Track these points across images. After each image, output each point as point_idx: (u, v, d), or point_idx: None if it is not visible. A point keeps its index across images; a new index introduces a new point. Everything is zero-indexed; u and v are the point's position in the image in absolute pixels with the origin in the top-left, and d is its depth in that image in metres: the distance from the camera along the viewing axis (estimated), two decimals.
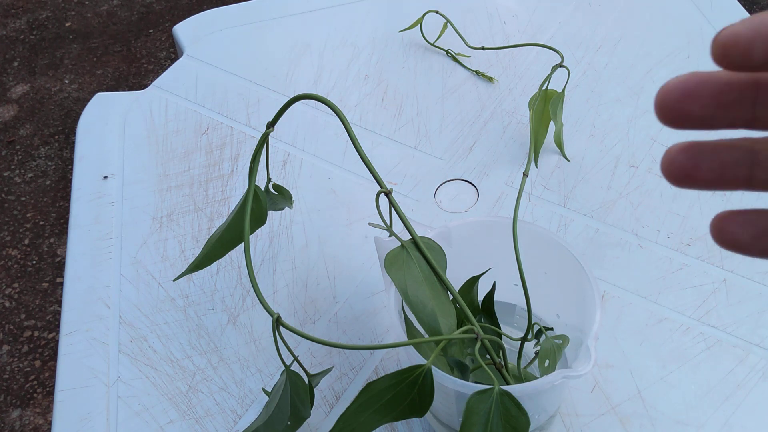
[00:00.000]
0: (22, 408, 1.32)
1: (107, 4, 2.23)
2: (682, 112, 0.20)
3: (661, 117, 0.20)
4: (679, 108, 0.20)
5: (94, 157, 0.66)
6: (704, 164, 0.21)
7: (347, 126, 0.41)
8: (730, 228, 0.22)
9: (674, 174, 0.21)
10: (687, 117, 0.20)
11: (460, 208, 0.60)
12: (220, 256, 0.46)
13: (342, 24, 0.78)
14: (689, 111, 0.20)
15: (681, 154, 0.21)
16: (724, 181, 0.21)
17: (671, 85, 0.20)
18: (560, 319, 0.46)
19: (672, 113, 0.20)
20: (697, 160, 0.21)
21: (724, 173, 0.21)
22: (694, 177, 0.21)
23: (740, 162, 0.21)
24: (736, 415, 0.46)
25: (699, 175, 0.21)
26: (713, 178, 0.21)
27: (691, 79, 0.20)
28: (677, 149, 0.21)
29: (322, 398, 0.48)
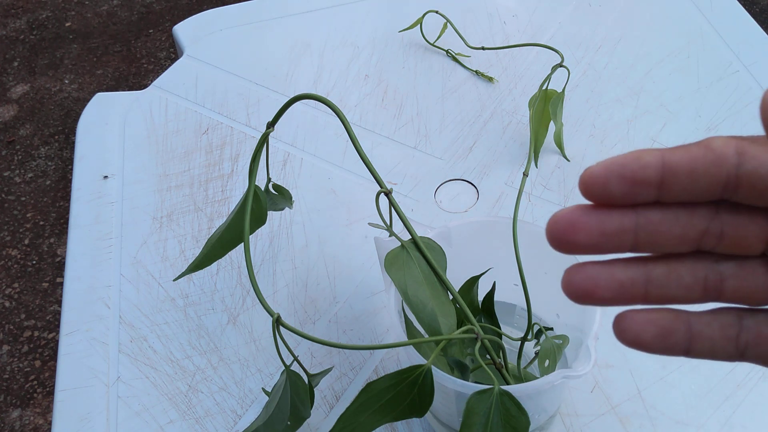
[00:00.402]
0: (22, 408, 1.32)
1: (107, 4, 2.23)
2: (568, 242, 0.22)
3: (552, 245, 0.22)
4: (565, 238, 0.22)
5: (94, 157, 0.66)
6: (602, 284, 0.23)
7: (347, 126, 0.41)
8: (633, 328, 0.23)
9: (574, 293, 0.23)
10: (573, 245, 0.22)
11: (460, 208, 0.60)
12: (220, 256, 0.46)
13: (342, 24, 0.78)
14: (575, 241, 0.22)
15: (579, 272, 0.23)
16: (622, 299, 0.23)
17: (558, 217, 0.22)
18: (560, 319, 0.46)
19: (559, 242, 0.22)
20: (596, 280, 0.23)
21: (621, 293, 0.23)
22: (594, 296, 0.23)
23: (635, 283, 0.23)
24: (736, 415, 0.46)
25: (598, 294, 0.23)
26: (611, 297, 0.23)
27: (574, 212, 0.22)
28: (576, 268, 0.23)
29: (322, 398, 0.48)
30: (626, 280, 0.23)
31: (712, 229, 0.22)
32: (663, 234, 0.22)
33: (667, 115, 0.65)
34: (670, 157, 0.21)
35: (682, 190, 0.21)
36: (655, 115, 0.65)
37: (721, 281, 0.23)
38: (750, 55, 0.70)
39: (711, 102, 0.66)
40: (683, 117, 0.65)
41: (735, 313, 0.24)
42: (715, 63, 0.70)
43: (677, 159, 0.21)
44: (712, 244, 0.22)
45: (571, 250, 0.22)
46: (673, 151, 0.21)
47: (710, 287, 0.23)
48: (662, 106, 0.66)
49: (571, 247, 0.22)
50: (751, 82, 0.68)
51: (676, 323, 0.23)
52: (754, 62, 0.69)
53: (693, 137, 0.63)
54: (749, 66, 0.69)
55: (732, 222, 0.22)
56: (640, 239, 0.22)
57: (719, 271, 0.23)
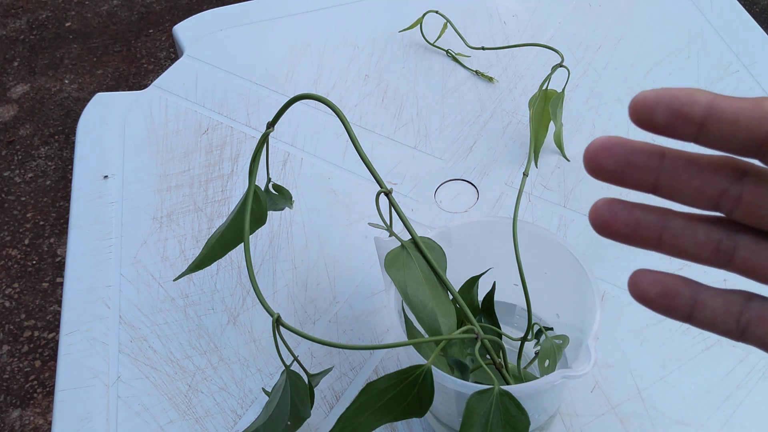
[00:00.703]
0: (22, 408, 1.32)
1: (107, 4, 2.23)
2: (598, 164, 0.24)
3: (585, 165, 0.24)
4: (596, 160, 0.24)
5: (94, 157, 0.66)
6: (620, 218, 0.25)
7: (347, 126, 0.41)
8: (642, 284, 0.25)
9: (596, 222, 0.25)
10: (601, 168, 0.24)
11: (460, 208, 0.60)
12: (220, 256, 0.46)
13: (342, 24, 0.78)
14: (603, 164, 0.24)
15: (604, 205, 0.25)
16: (638, 238, 0.25)
17: (596, 140, 0.24)
18: (560, 319, 0.46)
19: (590, 163, 0.24)
20: (616, 213, 0.25)
21: (637, 230, 0.25)
22: (612, 228, 0.25)
23: (652, 225, 0.25)
24: (736, 415, 0.46)
25: (615, 226, 0.25)
26: (627, 232, 0.25)
27: (611, 139, 0.24)
28: (602, 201, 0.25)
29: (322, 398, 0.48)
30: (644, 220, 0.25)
31: (731, 192, 0.23)
32: (683, 181, 0.23)
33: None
34: (720, 102, 0.22)
35: (720, 137, 0.22)
36: None
37: (734, 248, 0.24)
38: (750, 55, 0.70)
39: None
40: None
41: (743, 294, 0.25)
42: (715, 63, 0.70)
43: (726, 105, 0.22)
44: (729, 206, 0.23)
45: (599, 173, 0.24)
46: (724, 98, 0.22)
47: (722, 251, 0.24)
48: None
49: (598, 169, 0.24)
50: (751, 82, 0.68)
51: (683, 288, 0.25)
52: (754, 62, 0.69)
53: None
54: (749, 66, 0.69)
55: (753, 191, 0.23)
56: (661, 181, 0.23)
57: (735, 238, 0.24)
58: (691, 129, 0.22)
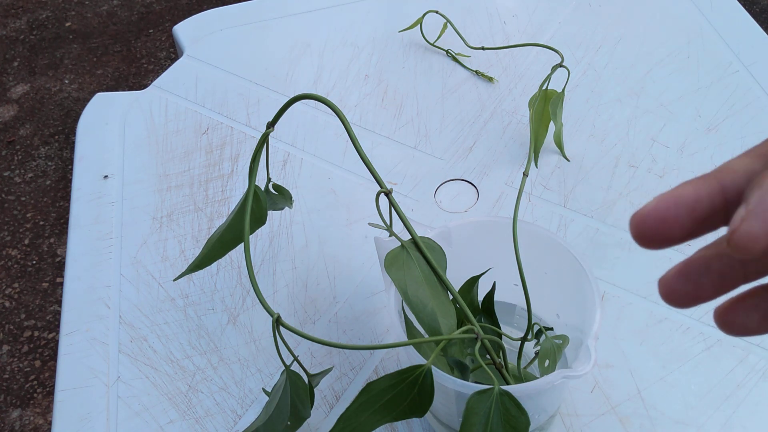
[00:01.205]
0: (22, 408, 1.32)
1: (107, 4, 2.23)
2: (663, 236, 0.20)
3: (642, 243, 0.21)
4: (659, 233, 0.20)
5: (94, 157, 0.66)
6: (702, 281, 0.22)
7: (347, 126, 0.41)
8: (737, 319, 0.22)
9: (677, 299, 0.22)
10: (668, 239, 0.21)
11: (460, 208, 0.60)
12: (220, 256, 0.46)
13: (342, 24, 0.78)
14: (669, 234, 0.20)
15: (678, 281, 0.22)
16: (726, 286, 0.22)
17: (645, 212, 0.20)
18: (560, 319, 0.46)
19: (652, 239, 0.21)
20: (695, 280, 0.22)
21: (723, 281, 0.22)
22: (699, 297, 0.22)
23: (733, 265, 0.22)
24: (736, 415, 0.46)
25: (701, 292, 0.22)
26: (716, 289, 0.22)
27: (661, 205, 0.20)
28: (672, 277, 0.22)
29: (322, 398, 0.48)
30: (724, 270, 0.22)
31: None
32: None
33: (667, 115, 0.65)
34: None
35: None
36: (655, 115, 0.65)
37: None
38: (750, 55, 0.70)
39: (711, 102, 0.66)
40: (683, 117, 0.65)
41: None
42: (715, 63, 0.70)
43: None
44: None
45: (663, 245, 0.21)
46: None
47: None
48: (662, 106, 0.66)
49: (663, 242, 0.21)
50: (751, 82, 0.68)
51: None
52: (754, 62, 0.69)
53: (693, 137, 0.63)
54: (749, 66, 0.69)
55: None
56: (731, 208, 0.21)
57: None
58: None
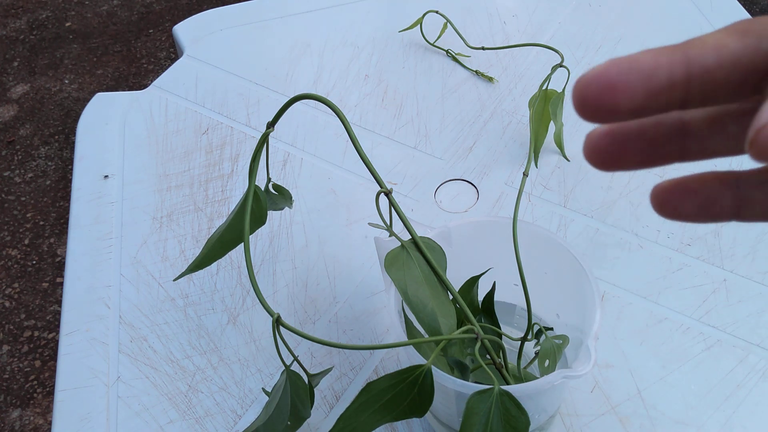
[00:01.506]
0: (22, 408, 1.32)
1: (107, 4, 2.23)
2: (608, 107, 0.18)
3: (582, 113, 0.18)
4: (604, 102, 0.18)
5: (94, 157, 0.66)
6: (632, 147, 0.19)
7: (347, 126, 0.41)
8: (671, 200, 0.20)
9: (600, 161, 0.20)
10: (613, 111, 0.18)
11: (460, 208, 0.60)
12: (220, 256, 0.46)
13: (342, 24, 0.78)
14: (616, 105, 0.17)
15: (605, 139, 0.20)
16: (656, 158, 0.20)
17: (592, 75, 0.18)
18: (560, 319, 0.46)
19: (595, 109, 0.18)
20: (624, 144, 0.19)
21: (654, 151, 0.20)
22: (623, 160, 0.20)
23: (671, 138, 0.20)
24: (736, 415, 0.46)
25: (628, 157, 0.20)
26: (643, 158, 0.20)
27: (612, 68, 0.17)
28: (600, 134, 0.20)
29: (322, 398, 0.48)
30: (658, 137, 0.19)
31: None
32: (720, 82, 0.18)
33: None
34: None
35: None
36: None
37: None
38: None
39: None
40: None
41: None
42: None
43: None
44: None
45: (605, 119, 0.18)
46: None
47: None
48: None
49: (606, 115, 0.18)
50: None
51: (721, 189, 0.20)
52: None
53: None
54: None
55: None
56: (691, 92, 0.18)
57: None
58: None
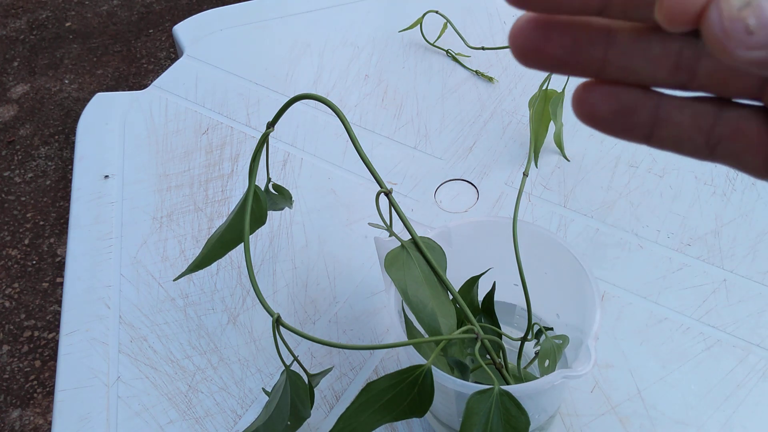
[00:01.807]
0: (22, 408, 1.32)
1: (107, 4, 2.23)
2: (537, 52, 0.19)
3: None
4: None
5: (94, 157, 0.66)
6: (555, 40, 0.19)
7: (347, 126, 0.41)
8: (592, 100, 0.20)
9: (521, 48, 0.20)
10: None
11: (460, 208, 0.60)
12: (220, 256, 0.46)
13: (342, 24, 0.78)
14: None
15: (530, 26, 0.19)
16: (576, 61, 0.20)
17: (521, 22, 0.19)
18: (560, 319, 0.46)
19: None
20: (548, 34, 0.19)
21: (576, 52, 0.19)
22: (543, 52, 0.19)
23: (594, 42, 0.19)
24: (736, 415, 0.46)
25: (548, 50, 0.19)
26: (564, 55, 0.20)
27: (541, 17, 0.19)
28: (525, 21, 0.19)
29: (322, 398, 0.48)
30: (584, 39, 0.19)
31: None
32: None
33: None
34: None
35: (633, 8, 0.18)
36: None
37: (696, 59, 0.19)
38: None
39: None
40: None
41: (714, 102, 0.20)
42: None
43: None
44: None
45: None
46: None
47: (683, 65, 0.19)
48: None
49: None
50: None
51: (642, 100, 0.20)
52: None
53: None
54: None
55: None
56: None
57: (696, 46, 0.19)
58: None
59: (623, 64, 0.19)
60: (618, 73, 0.20)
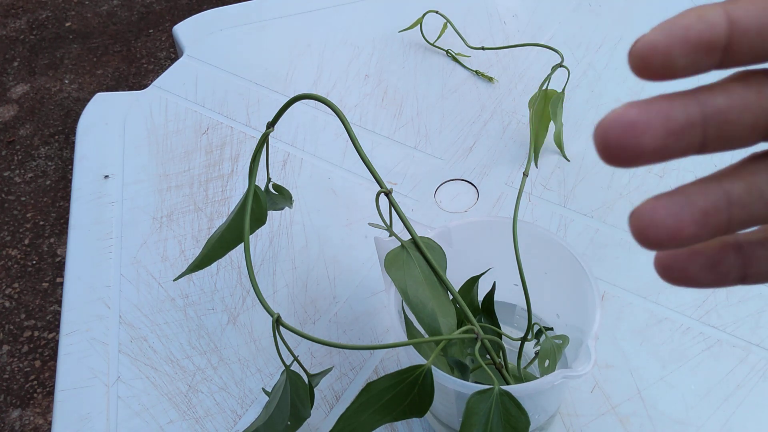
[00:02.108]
0: (22, 408, 1.32)
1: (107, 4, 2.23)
2: (630, 148, 0.18)
3: (606, 156, 0.18)
4: (626, 144, 0.18)
5: (94, 157, 0.66)
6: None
7: (347, 126, 0.41)
8: (679, 264, 0.20)
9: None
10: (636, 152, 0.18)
11: (460, 208, 0.60)
12: (220, 256, 0.46)
13: (342, 24, 0.78)
14: (639, 145, 0.18)
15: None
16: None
17: (610, 119, 0.18)
18: (560, 319, 0.46)
19: (616, 152, 0.18)
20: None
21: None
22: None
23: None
24: (736, 415, 0.46)
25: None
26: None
27: (630, 110, 0.18)
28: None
29: (322, 398, 0.48)
30: (709, 205, 0.18)
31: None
32: (733, 123, 0.18)
33: None
34: (735, 12, 0.17)
35: (749, 51, 0.18)
36: None
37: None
38: None
39: None
40: None
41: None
42: None
43: (744, 13, 0.17)
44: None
45: (630, 161, 0.18)
46: (737, 5, 0.18)
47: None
48: None
49: (631, 156, 0.18)
50: None
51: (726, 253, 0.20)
52: None
53: None
54: None
55: None
56: (709, 134, 0.18)
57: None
58: (715, 57, 0.18)
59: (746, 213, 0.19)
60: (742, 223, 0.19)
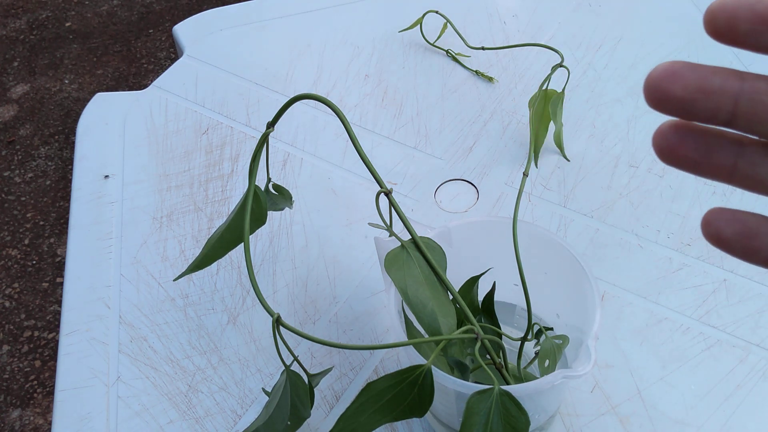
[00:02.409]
0: (22, 408, 1.32)
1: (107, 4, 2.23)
2: (664, 92, 0.21)
3: (647, 97, 0.21)
4: (662, 87, 0.21)
5: (94, 157, 0.66)
6: (690, 143, 0.22)
7: (347, 126, 0.41)
8: (717, 223, 0.22)
9: (661, 148, 0.22)
10: (667, 97, 0.21)
11: (460, 208, 0.60)
12: (220, 256, 0.46)
13: (342, 24, 0.78)
14: (670, 91, 0.20)
15: (671, 130, 0.22)
16: (709, 165, 0.22)
17: (659, 66, 0.21)
18: (560, 319, 0.46)
19: (653, 92, 0.21)
20: (685, 138, 0.22)
21: (708, 157, 0.22)
22: (679, 153, 0.22)
23: (726, 150, 0.22)
24: (736, 415, 0.46)
25: (684, 151, 0.22)
26: (697, 157, 0.22)
27: (677, 63, 0.21)
28: (669, 125, 0.22)
29: (322, 398, 0.48)
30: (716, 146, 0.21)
31: None
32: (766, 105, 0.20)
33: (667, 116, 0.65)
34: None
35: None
36: (655, 115, 0.65)
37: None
38: (750, 54, 0.70)
39: None
40: None
41: None
42: (714, 63, 0.70)
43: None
44: None
45: (663, 104, 0.21)
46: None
47: None
48: None
49: (664, 99, 0.21)
50: None
51: (765, 227, 0.22)
52: (754, 62, 0.69)
53: None
54: (749, 66, 0.69)
55: None
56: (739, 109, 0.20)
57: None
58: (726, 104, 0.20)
59: (750, 173, 0.21)
60: (745, 181, 0.22)
